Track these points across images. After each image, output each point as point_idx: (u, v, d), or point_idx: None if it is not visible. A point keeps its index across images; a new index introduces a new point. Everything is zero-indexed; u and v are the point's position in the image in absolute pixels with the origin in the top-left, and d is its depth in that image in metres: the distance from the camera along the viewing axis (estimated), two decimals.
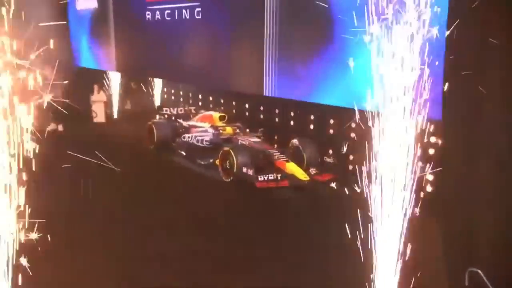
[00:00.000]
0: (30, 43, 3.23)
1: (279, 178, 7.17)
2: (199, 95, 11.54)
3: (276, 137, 8.92)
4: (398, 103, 3.40)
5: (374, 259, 3.60)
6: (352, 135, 6.62)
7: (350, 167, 7.51)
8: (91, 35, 13.41)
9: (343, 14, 6.76)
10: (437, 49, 3.40)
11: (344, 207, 3.98)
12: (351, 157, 7.46)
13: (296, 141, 7.81)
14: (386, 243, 3.56)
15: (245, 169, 7.26)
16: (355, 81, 3.51)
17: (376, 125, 3.46)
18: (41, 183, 3.88)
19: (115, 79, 12.89)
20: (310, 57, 7.38)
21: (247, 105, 9.89)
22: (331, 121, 7.92)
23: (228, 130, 8.63)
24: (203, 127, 9.01)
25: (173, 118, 9.76)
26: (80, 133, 10.42)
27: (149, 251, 5.00)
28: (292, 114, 8.77)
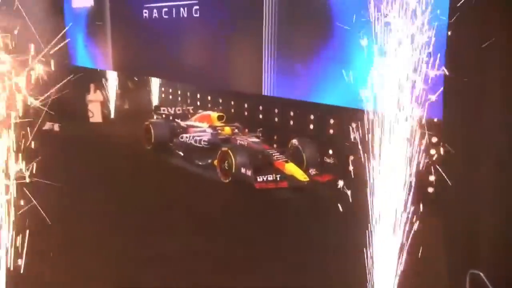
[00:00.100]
0: (24, 40, 3.18)
1: (278, 179, 7.11)
2: (197, 95, 11.49)
3: (275, 137, 8.88)
4: (398, 102, 3.39)
5: (374, 259, 3.60)
6: (353, 135, 6.56)
7: (350, 167, 7.43)
8: (87, 33, 13.32)
9: (343, 13, 6.73)
10: (437, 48, 3.38)
11: (343, 207, 3.99)
12: (351, 157, 7.39)
13: (295, 141, 7.75)
14: (386, 244, 3.56)
15: (243, 170, 7.18)
16: (355, 80, 3.48)
17: (376, 125, 3.45)
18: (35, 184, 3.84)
19: (112, 78, 12.82)
20: (310, 55, 7.31)
21: (246, 104, 9.85)
22: (331, 121, 7.86)
23: (226, 130, 8.57)
24: (201, 127, 8.96)
25: (170, 118, 9.70)
26: (76, 133, 10.40)
27: (149, 252, 4.99)
28: (292, 113, 8.71)
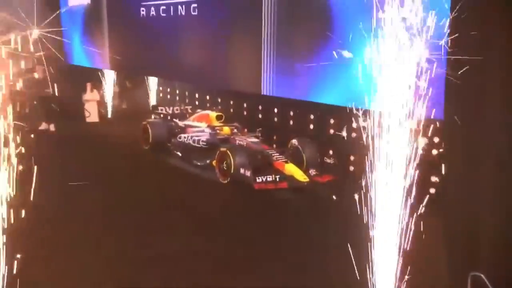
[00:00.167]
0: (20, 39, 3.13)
1: (277, 180, 7.04)
2: (196, 94, 11.42)
3: (274, 137, 8.82)
4: (398, 102, 3.39)
5: (374, 260, 3.59)
6: (353, 135, 6.52)
7: (350, 168, 7.39)
8: (84, 32, 13.24)
9: (343, 12, 6.67)
10: (438, 48, 3.36)
11: (343, 207, 3.93)
12: (351, 157, 7.35)
13: (295, 141, 7.68)
14: (386, 244, 3.55)
15: (242, 170, 7.11)
16: (355, 80, 3.46)
17: (377, 124, 3.44)
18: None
19: (109, 77, 12.72)
20: (309, 55, 7.24)
21: (245, 104, 9.78)
22: (332, 121, 7.79)
23: (225, 130, 8.49)
24: (200, 127, 8.88)
25: (168, 117, 9.62)
26: (72, 133, 10.36)
27: (149, 252, 4.96)
28: (291, 113, 8.65)
